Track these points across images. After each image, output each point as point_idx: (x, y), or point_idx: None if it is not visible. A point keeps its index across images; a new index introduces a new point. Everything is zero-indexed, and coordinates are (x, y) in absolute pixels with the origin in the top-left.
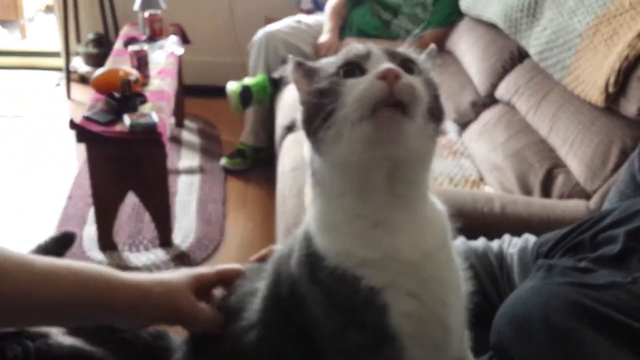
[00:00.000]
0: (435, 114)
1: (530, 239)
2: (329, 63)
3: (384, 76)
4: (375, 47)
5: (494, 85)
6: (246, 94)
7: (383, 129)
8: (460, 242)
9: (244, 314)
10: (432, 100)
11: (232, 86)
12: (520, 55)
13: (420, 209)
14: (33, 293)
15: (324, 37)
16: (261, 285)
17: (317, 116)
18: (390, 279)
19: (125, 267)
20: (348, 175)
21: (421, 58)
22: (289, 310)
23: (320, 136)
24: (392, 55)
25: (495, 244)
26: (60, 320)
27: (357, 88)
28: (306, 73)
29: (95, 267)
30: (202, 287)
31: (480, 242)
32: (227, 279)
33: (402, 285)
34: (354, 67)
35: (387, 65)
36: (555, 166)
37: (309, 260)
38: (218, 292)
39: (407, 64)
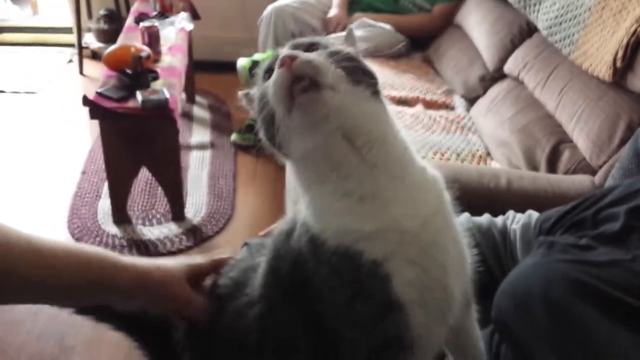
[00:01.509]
0: (358, 78)
1: (533, 215)
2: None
3: (282, 64)
4: (284, 49)
5: (503, 60)
6: (254, 67)
7: (308, 109)
8: (464, 217)
9: (247, 290)
10: (350, 67)
11: (242, 62)
12: (529, 30)
13: (406, 175)
14: (36, 273)
15: (333, 12)
16: (262, 261)
17: (267, 127)
18: (390, 249)
19: (139, 240)
20: (316, 162)
21: (327, 40)
22: (291, 286)
23: (277, 142)
24: (295, 47)
25: (499, 220)
26: (60, 299)
27: (270, 85)
28: (250, 101)
29: (95, 250)
30: (196, 277)
31: (485, 218)
32: (221, 268)
33: (402, 254)
34: (271, 72)
35: (282, 53)
36: (561, 141)
37: (311, 246)
38: (209, 280)
39: (311, 48)
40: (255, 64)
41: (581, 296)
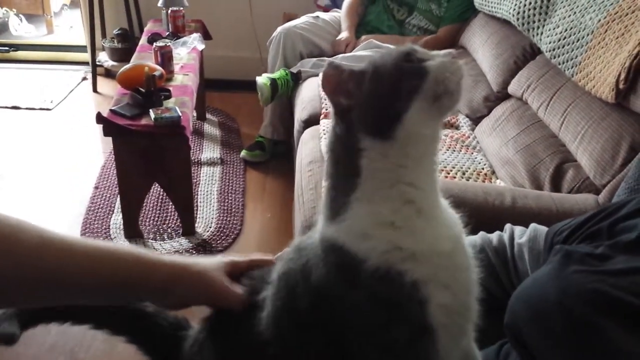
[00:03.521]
0: None
1: (538, 228)
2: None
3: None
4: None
5: (507, 81)
6: (274, 87)
7: (456, 98)
8: None
9: (256, 328)
10: None
11: (262, 79)
12: (532, 52)
13: (439, 197)
14: (74, 272)
15: (342, 35)
16: (268, 301)
17: (393, 100)
18: (432, 271)
19: None
20: (424, 145)
21: None
22: (313, 322)
23: (395, 118)
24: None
25: (494, 236)
26: (99, 297)
27: (448, 66)
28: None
29: (132, 248)
30: (234, 273)
31: (479, 237)
32: (259, 268)
33: (440, 278)
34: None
35: (448, 51)
36: (565, 161)
37: (344, 269)
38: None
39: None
40: (273, 81)
41: (598, 305)
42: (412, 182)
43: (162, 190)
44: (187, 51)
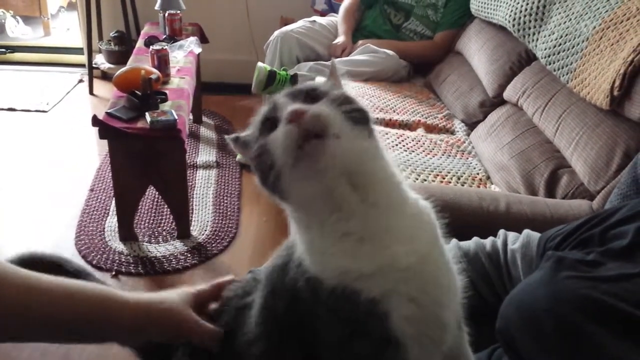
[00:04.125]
0: (357, 119)
1: (531, 234)
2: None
3: (291, 119)
4: (279, 96)
5: (502, 87)
6: (271, 76)
7: (316, 159)
8: (452, 244)
9: (244, 329)
10: (348, 110)
11: (263, 64)
12: (528, 58)
13: (403, 209)
14: (38, 310)
15: (339, 39)
16: (257, 298)
17: (266, 175)
18: (389, 287)
19: (145, 257)
20: (317, 206)
21: (321, 82)
22: (289, 324)
23: (276, 189)
24: (295, 96)
25: (487, 241)
26: (68, 337)
27: (277, 139)
28: (242, 145)
29: (100, 288)
30: (200, 302)
31: (472, 242)
32: (223, 291)
33: (401, 292)
34: (270, 122)
35: (290, 108)
36: (560, 167)
37: (308, 286)
38: (213, 306)
39: (312, 95)
40: (273, 73)
41: (589, 312)
42: (339, 220)
43: (157, 193)
44: (183, 54)
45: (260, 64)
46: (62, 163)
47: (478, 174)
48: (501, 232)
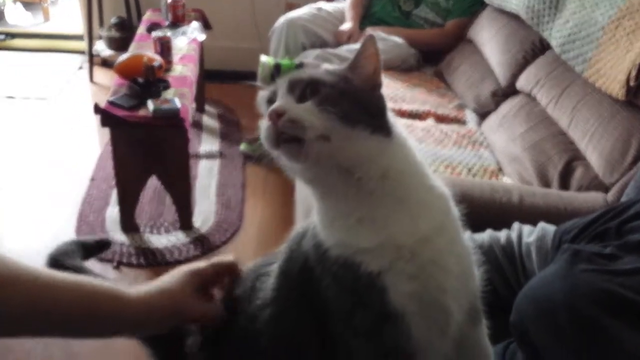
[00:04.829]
0: (356, 118)
1: (547, 227)
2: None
3: (270, 117)
4: (283, 80)
5: (515, 76)
6: (277, 69)
7: (291, 158)
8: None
9: (259, 294)
10: (346, 110)
11: (267, 58)
12: (542, 47)
13: (408, 196)
14: (40, 305)
15: (346, 26)
16: (276, 265)
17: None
18: (386, 263)
19: (147, 248)
20: (312, 185)
21: (329, 71)
22: (301, 288)
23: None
24: (293, 85)
25: (502, 234)
26: (69, 332)
27: (262, 129)
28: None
29: (101, 285)
30: (201, 283)
31: (486, 235)
32: (223, 272)
33: (399, 269)
34: (271, 104)
35: (272, 107)
36: (574, 159)
37: (316, 251)
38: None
39: (311, 88)
40: (278, 66)
41: (606, 305)
42: (336, 201)
43: (159, 183)
44: (186, 41)
45: (263, 58)
46: (62, 152)
47: (490, 165)
48: (516, 224)
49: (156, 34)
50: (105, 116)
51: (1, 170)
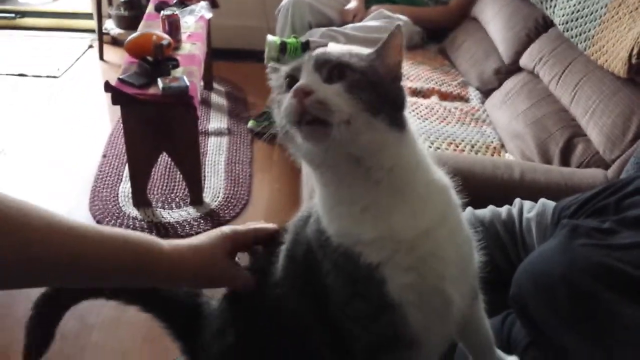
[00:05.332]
0: (379, 107)
1: (547, 203)
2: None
3: (295, 95)
4: (309, 58)
5: (519, 54)
6: (282, 48)
7: (312, 140)
8: (467, 212)
9: (273, 270)
10: (371, 98)
11: (273, 37)
12: (545, 24)
13: (412, 189)
14: (80, 255)
15: (351, 4)
16: (283, 248)
17: (282, 127)
18: (385, 256)
19: (159, 222)
20: (319, 170)
21: (355, 60)
22: (303, 273)
23: (287, 142)
24: (320, 65)
25: (503, 209)
26: (106, 281)
27: (283, 104)
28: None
29: (139, 236)
30: (236, 245)
31: (488, 211)
32: (262, 237)
33: (398, 262)
34: (290, 80)
35: (300, 82)
36: (575, 135)
37: (319, 237)
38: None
39: (338, 69)
40: (283, 44)
41: (604, 279)
42: (341, 188)
43: (170, 159)
44: (194, 20)
45: (269, 37)
46: (74, 129)
47: (492, 142)
48: (517, 200)
49: (164, 12)
50: (116, 94)
51: (14, 147)
